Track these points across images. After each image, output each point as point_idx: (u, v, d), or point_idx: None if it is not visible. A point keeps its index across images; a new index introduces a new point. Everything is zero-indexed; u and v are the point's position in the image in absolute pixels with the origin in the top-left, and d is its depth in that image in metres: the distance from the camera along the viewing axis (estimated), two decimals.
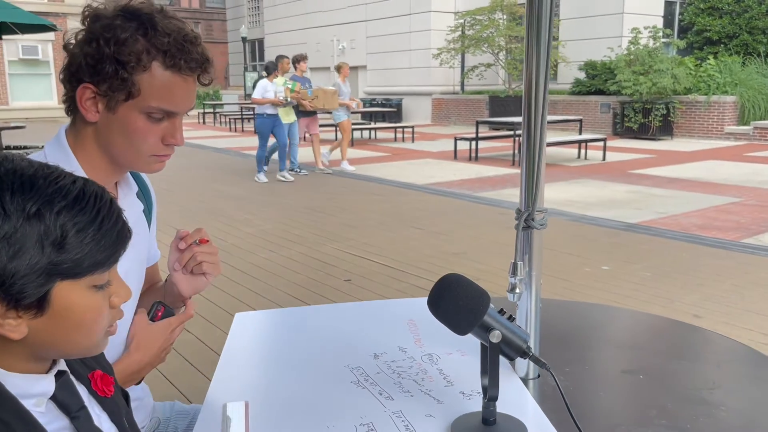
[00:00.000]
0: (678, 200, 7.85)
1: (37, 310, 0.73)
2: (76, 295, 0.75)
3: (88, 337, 0.79)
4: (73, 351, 0.81)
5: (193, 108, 1.21)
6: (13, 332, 0.72)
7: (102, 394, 0.90)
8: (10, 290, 0.69)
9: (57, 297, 0.73)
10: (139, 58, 1.08)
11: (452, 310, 1.02)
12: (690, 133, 15.76)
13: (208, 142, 16.41)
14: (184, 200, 8.17)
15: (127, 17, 1.10)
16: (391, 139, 16.35)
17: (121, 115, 1.12)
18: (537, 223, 1.23)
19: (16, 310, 0.71)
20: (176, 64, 1.10)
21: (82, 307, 0.76)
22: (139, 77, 1.09)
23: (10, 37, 14.87)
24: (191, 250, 1.26)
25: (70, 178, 0.75)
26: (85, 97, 1.12)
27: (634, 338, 1.63)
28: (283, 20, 29.83)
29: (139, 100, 1.10)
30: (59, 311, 0.74)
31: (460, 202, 8.01)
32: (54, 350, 0.79)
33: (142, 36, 1.08)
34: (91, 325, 0.78)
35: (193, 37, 1.13)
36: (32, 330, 0.74)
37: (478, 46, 19.42)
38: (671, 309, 4.11)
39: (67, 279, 0.73)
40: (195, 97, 1.18)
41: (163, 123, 1.15)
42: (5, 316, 0.71)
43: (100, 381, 0.91)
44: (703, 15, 18.94)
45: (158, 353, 1.25)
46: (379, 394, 1.23)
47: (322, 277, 4.87)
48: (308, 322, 1.66)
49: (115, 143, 1.15)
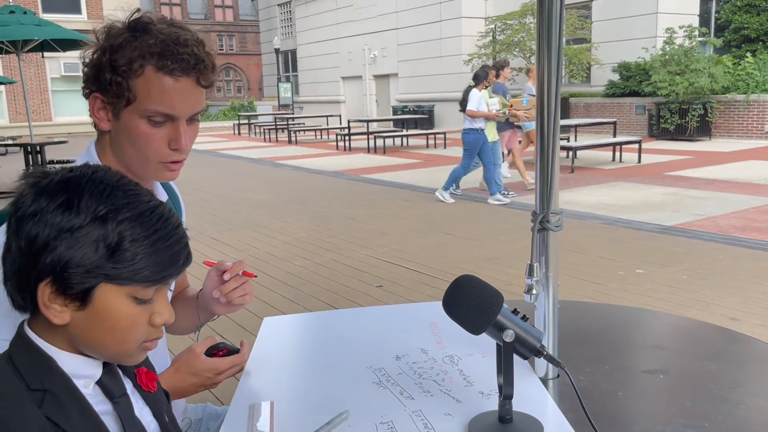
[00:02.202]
0: (716, 202, 7.70)
1: (81, 303, 0.80)
2: (115, 300, 0.81)
3: (120, 344, 0.84)
4: (105, 354, 0.86)
5: (202, 112, 1.21)
6: (56, 317, 0.80)
7: (146, 389, 0.97)
8: (61, 276, 0.78)
9: (98, 296, 0.80)
10: (131, 63, 1.11)
11: (466, 311, 1.05)
12: (729, 133, 15.41)
13: (243, 152, 16.66)
14: (220, 210, 8.32)
15: (126, 27, 1.14)
16: (423, 146, 16.38)
17: (125, 121, 1.16)
18: (552, 224, 1.24)
19: (63, 297, 0.79)
20: (165, 65, 1.12)
21: (119, 313, 0.82)
22: (134, 82, 1.12)
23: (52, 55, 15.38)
24: (237, 281, 1.31)
25: (147, 197, 0.84)
26: (96, 106, 1.17)
27: (657, 339, 1.62)
28: (314, 31, 30.14)
29: (137, 104, 1.14)
30: (98, 311, 0.81)
31: (491, 207, 7.99)
32: (88, 348, 0.85)
33: (134, 42, 1.12)
34: (124, 333, 0.83)
35: (185, 40, 1.13)
36: (73, 322, 0.81)
37: (510, 51, 19.32)
38: (708, 312, 4.04)
39: (111, 282, 0.80)
40: (198, 100, 1.19)
41: (166, 127, 1.17)
42: (53, 301, 0.80)
43: (145, 377, 0.97)
44: (740, 12, 18.51)
45: (192, 386, 1.26)
46: (400, 394, 1.25)
47: (354, 283, 4.92)
48: (333, 326, 1.70)
49: (125, 150, 1.19)
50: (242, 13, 52.34)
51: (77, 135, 21.88)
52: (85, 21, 25.29)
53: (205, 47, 1.17)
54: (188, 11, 49.68)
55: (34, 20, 9.81)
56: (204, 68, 1.16)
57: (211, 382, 1.27)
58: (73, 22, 22.35)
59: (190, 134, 1.20)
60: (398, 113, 23.54)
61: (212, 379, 1.26)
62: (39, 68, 25.13)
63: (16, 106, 25.31)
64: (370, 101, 27.48)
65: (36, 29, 9.39)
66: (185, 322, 1.47)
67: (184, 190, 1.45)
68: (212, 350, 1.27)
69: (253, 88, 50.41)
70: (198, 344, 1.27)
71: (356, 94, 28.29)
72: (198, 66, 1.15)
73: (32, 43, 9.88)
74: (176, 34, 1.14)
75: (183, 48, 1.13)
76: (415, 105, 23.75)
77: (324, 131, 20.82)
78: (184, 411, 1.53)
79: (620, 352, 1.49)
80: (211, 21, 50.89)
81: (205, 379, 1.26)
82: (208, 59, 1.17)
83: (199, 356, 1.25)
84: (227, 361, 1.27)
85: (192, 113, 1.19)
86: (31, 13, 10.23)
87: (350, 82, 28.71)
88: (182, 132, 1.18)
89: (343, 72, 28.84)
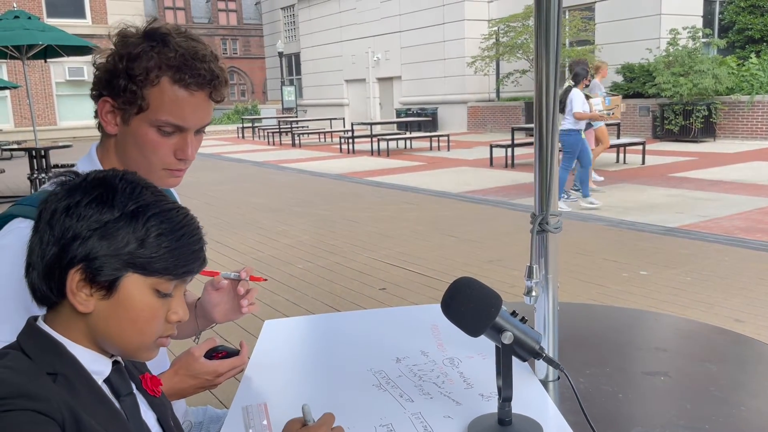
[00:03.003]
0: (720, 203, 7.67)
1: (107, 292, 0.84)
2: (139, 291, 0.86)
3: (140, 335, 0.88)
4: (124, 345, 0.89)
5: (208, 124, 1.24)
6: (81, 305, 0.84)
7: (151, 393, 0.99)
8: (91, 265, 0.83)
9: (124, 286, 0.85)
10: (148, 73, 1.13)
11: (464, 313, 1.05)
12: (733, 134, 15.37)
13: (247, 155, 16.69)
14: (223, 213, 8.34)
15: (144, 36, 1.16)
16: (427, 149, 16.38)
17: (134, 128, 1.18)
18: (551, 226, 1.24)
19: (90, 286, 0.84)
20: (182, 79, 1.15)
21: (141, 303, 0.86)
22: (149, 91, 1.15)
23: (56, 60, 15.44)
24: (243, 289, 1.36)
25: (169, 198, 0.91)
26: (105, 110, 1.19)
27: (658, 341, 1.62)
28: (318, 34, 30.21)
29: (149, 113, 1.16)
30: (122, 300, 0.85)
31: (495, 209, 7.99)
32: (108, 339, 0.88)
33: (152, 52, 1.14)
34: (144, 325, 0.87)
35: (203, 55, 1.17)
36: (96, 311, 0.85)
37: (513, 53, 19.34)
38: (712, 314, 4.02)
39: (138, 273, 0.85)
40: (208, 113, 1.22)
41: (174, 137, 1.20)
42: (81, 288, 0.84)
43: (150, 381, 1.00)
44: (744, 13, 18.48)
45: (191, 388, 1.27)
46: (400, 397, 1.25)
47: (357, 286, 4.92)
48: (334, 328, 1.70)
49: (130, 155, 1.21)
50: (246, 17, 52.49)
51: (82, 139, 21.97)
52: (89, 26, 25.40)
53: (219, 61, 1.21)
54: (192, 15, 49.84)
55: (39, 25, 9.85)
56: (218, 84, 1.20)
57: (210, 384, 1.27)
58: (77, 27, 22.50)
59: (195, 144, 1.23)
60: (402, 116, 23.57)
61: (211, 382, 1.27)
62: (44, 73, 25.25)
63: (21, 110, 25.43)
64: (373, 104, 27.51)
65: (40, 34, 9.43)
66: (184, 328, 1.47)
67: (188, 193, 1.47)
68: (211, 352, 1.27)
69: (257, 92, 50.53)
70: (197, 347, 1.27)
71: (360, 97, 28.33)
72: (213, 81, 1.18)
73: (36, 48, 9.92)
74: (194, 48, 1.17)
75: (200, 63, 1.16)
76: (418, 107, 23.77)
77: (327, 134, 20.86)
78: (185, 414, 1.53)
79: (620, 354, 1.49)
80: (215, 25, 51.05)
81: (205, 382, 1.26)
82: (222, 75, 1.20)
83: (198, 359, 1.25)
84: (226, 363, 1.27)
85: (201, 125, 1.22)
86: (36, 18, 10.27)
87: (354, 85, 28.74)
88: (189, 143, 1.21)
89: (346, 75, 28.89)
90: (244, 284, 1.36)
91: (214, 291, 1.37)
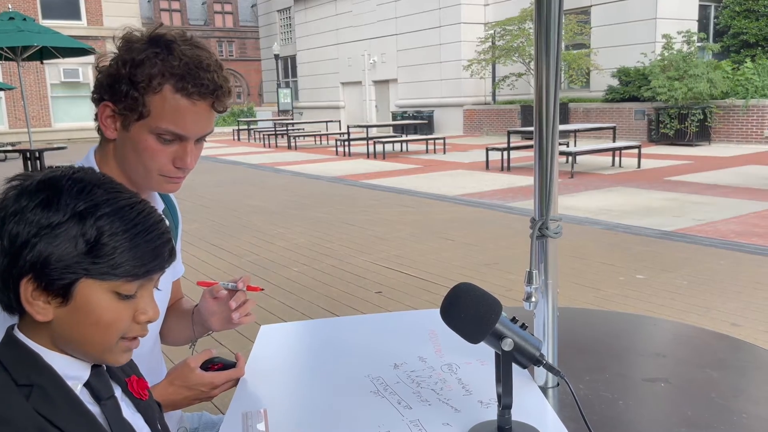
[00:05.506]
0: (716, 207, 7.69)
1: (63, 299, 0.80)
2: (97, 296, 0.81)
3: (103, 338, 0.84)
4: (88, 351, 0.85)
5: (209, 134, 1.22)
6: (39, 314, 0.81)
7: (138, 396, 0.96)
8: (42, 272, 0.79)
9: (80, 292, 0.81)
10: (151, 80, 1.12)
11: (464, 319, 1.03)
12: (728, 138, 15.42)
13: (243, 158, 16.65)
14: (219, 216, 8.31)
15: (148, 41, 1.14)
16: (423, 151, 16.39)
17: (134, 134, 1.16)
18: (551, 231, 1.23)
19: (46, 294, 0.80)
20: (185, 88, 1.13)
21: (101, 308, 0.82)
22: (150, 98, 1.13)
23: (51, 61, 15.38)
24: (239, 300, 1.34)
25: (128, 194, 0.85)
26: (105, 114, 1.17)
27: (658, 347, 1.61)
28: (314, 36, 30.21)
29: (150, 120, 1.14)
30: (80, 306, 0.81)
31: (491, 212, 7.98)
32: (72, 346, 0.85)
33: (156, 59, 1.12)
34: (106, 327, 0.83)
35: (207, 64, 1.15)
36: (56, 319, 0.82)
37: (509, 56, 19.37)
38: (708, 318, 4.02)
39: (91, 277, 0.80)
40: (209, 123, 1.20)
41: (174, 146, 1.18)
42: (36, 297, 0.80)
43: (137, 384, 0.97)
44: (739, 18, 18.54)
45: (186, 399, 1.25)
46: (398, 403, 1.24)
47: (353, 289, 4.90)
48: (331, 334, 1.68)
49: (128, 160, 1.20)
50: (242, 19, 52.45)
51: (77, 141, 21.91)
52: (85, 27, 25.30)
53: (223, 71, 1.18)
54: (188, 17, 49.77)
55: (34, 27, 9.83)
56: (221, 94, 1.18)
57: (205, 396, 1.26)
58: (72, 29, 22.42)
59: (195, 153, 1.21)
60: (398, 119, 23.57)
61: (207, 393, 1.25)
62: (38, 74, 25.14)
63: (16, 112, 25.31)
64: (369, 107, 27.51)
65: (35, 36, 9.41)
66: (180, 335, 1.46)
67: (184, 195, 1.45)
68: (207, 364, 1.25)
69: (253, 94, 50.49)
70: (193, 358, 1.25)
71: (356, 100, 28.33)
72: (216, 92, 1.16)
73: (31, 49, 9.89)
74: (198, 57, 1.15)
75: (204, 73, 1.14)
76: (414, 110, 23.79)
77: (323, 137, 20.83)
78: (180, 420, 1.51)
79: (620, 360, 1.48)
80: (210, 27, 51.00)
81: (200, 393, 1.24)
82: (225, 85, 1.18)
83: (194, 370, 1.24)
84: (223, 375, 1.26)
85: (201, 135, 1.20)
86: (31, 19, 10.25)
87: (350, 88, 28.75)
88: (189, 152, 1.19)
89: (342, 77, 28.89)
90: (240, 296, 1.33)
91: (212, 299, 1.35)
